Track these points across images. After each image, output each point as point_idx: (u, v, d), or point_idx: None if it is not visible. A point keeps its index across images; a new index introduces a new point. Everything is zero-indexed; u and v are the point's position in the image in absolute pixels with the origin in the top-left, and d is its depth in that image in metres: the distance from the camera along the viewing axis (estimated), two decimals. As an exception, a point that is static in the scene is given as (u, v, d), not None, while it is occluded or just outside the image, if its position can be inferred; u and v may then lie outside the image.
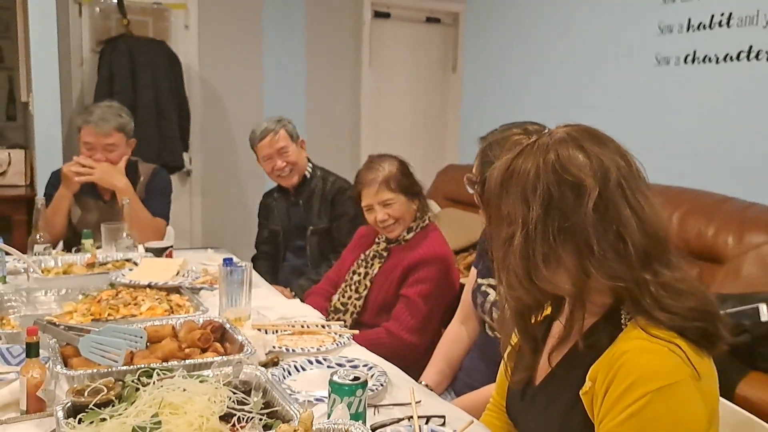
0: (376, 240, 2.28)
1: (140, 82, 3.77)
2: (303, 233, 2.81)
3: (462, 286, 2.05)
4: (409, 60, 4.83)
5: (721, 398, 1.06)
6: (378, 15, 4.64)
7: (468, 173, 1.76)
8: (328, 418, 1.14)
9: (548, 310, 1.19)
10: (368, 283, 2.19)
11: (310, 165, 2.86)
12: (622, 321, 1.02)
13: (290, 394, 1.30)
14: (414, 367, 1.82)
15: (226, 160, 4.28)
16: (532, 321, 1.18)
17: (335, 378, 1.15)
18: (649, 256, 1.00)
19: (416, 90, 4.88)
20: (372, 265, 2.22)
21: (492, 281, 1.80)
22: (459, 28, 4.81)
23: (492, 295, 1.80)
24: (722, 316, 1.02)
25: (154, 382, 1.16)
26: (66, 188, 2.56)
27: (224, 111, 4.27)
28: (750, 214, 2.68)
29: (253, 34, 4.30)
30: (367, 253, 2.26)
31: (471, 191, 1.75)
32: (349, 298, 2.21)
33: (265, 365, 1.44)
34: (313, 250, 2.78)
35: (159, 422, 1.05)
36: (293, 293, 2.45)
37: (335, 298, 2.26)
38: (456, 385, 1.93)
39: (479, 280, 1.87)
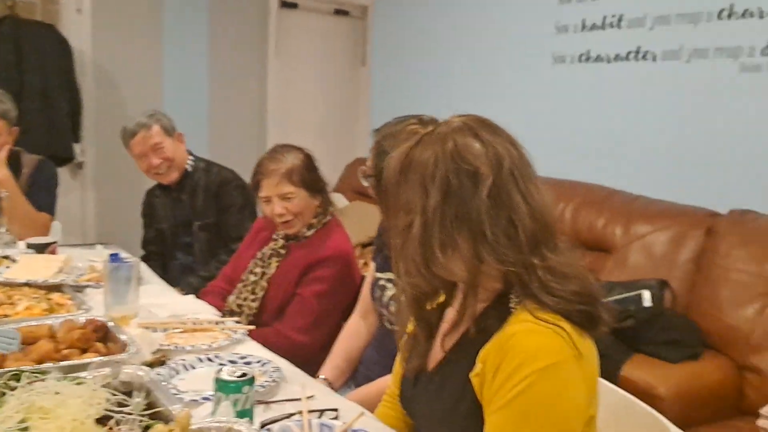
0: (274, 237, 2.18)
1: (26, 67, 3.53)
2: (189, 229, 2.69)
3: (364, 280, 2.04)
4: (318, 52, 4.78)
5: (601, 379, 1.12)
6: (285, 5, 4.56)
7: (362, 166, 1.76)
8: (213, 415, 1.10)
9: (442, 297, 1.21)
10: (265, 284, 2.10)
11: (192, 158, 2.74)
12: (512, 305, 1.05)
13: (175, 394, 1.25)
14: (311, 365, 1.79)
15: (121, 152, 4.07)
16: (428, 308, 1.19)
17: (220, 375, 1.12)
18: (537, 242, 1.03)
19: (325, 82, 4.84)
20: (269, 264, 2.13)
21: (390, 275, 1.80)
22: (367, 21, 4.81)
23: (390, 289, 1.80)
24: (603, 300, 1.06)
25: (23, 386, 1.08)
26: None
27: (121, 100, 4.07)
28: (636, 206, 2.84)
29: (152, 19, 4.11)
30: (263, 251, 2.16)
31: (366, 184, 1.75)
32: (245, 299, 2.11)
33: (151, 365, 1.38)
34: (202, 246, 2.68)
35: (26, 428, 0.98)
36: (184, 292, 2.35)
37: (231, 299, 2.16)
38: (356, 378, 1.92)
39: (377, 275, 1.86)
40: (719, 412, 2.22)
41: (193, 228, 2.69)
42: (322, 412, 1.28)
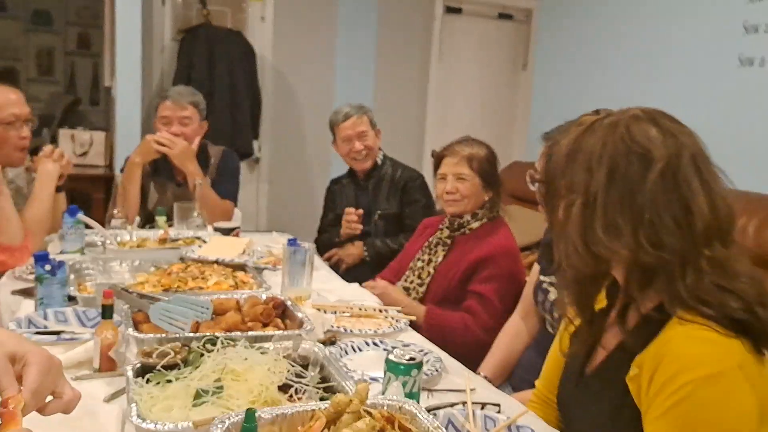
0: (440, 227, 2.26)
1: (217, 71, 3.89)
2: (368, 218, 2.83)
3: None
4: (479, 56, 4.79)
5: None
6: (450, 10, 4.62)
7: (530, 169, 1.74)
8: (383, 394, 1.15)
9: (603, 303, 1.18)
10: (431, 271, 2.17)
11: (382, 153, 2.93)
12: (670, 309, 1.00)
13: (346, 372, 1.32)
14: (475, 360, 1.81)
15: (294, 149, 4.37)
16: (589, 299, 1.17)
17: (391, 357, 1.17)
18: (711, 234, 0.99)
19: (485, 86, 4.84)
20: (436, 252, 2.20)
21: (554, 279, 1.77)
22: (531, 25, 4.74)
23: (553, 293, 1.77)
24: None
25: (218, 350, 1.20)
26: (139, 156, 2.62)
27: (295, 101, 4.36)
28: (835, 223, 2.54)
29: (327, 27, 4.36)
30: (430, 240, 2.25)
31: (532, 188, 1.73)
32: (412, 283, 2.19)
33: (323, 343, 1.47)
34: (378, 235, 2.81)
35: (221, 387, 1.09)
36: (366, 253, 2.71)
37: (399, 283, 2.24)
38: (513, 380, 1.91)
39: (541, 277, 1.84)
40: None
41: (373, 216, 2.84)
42: (484, 405, 1.29)
